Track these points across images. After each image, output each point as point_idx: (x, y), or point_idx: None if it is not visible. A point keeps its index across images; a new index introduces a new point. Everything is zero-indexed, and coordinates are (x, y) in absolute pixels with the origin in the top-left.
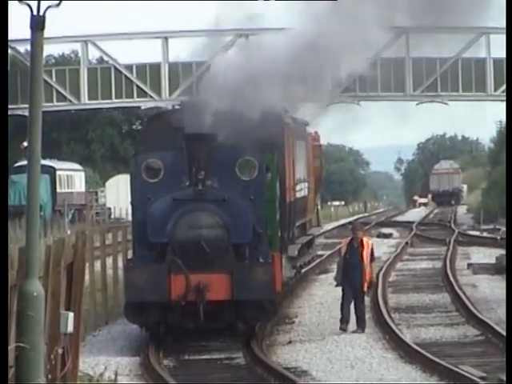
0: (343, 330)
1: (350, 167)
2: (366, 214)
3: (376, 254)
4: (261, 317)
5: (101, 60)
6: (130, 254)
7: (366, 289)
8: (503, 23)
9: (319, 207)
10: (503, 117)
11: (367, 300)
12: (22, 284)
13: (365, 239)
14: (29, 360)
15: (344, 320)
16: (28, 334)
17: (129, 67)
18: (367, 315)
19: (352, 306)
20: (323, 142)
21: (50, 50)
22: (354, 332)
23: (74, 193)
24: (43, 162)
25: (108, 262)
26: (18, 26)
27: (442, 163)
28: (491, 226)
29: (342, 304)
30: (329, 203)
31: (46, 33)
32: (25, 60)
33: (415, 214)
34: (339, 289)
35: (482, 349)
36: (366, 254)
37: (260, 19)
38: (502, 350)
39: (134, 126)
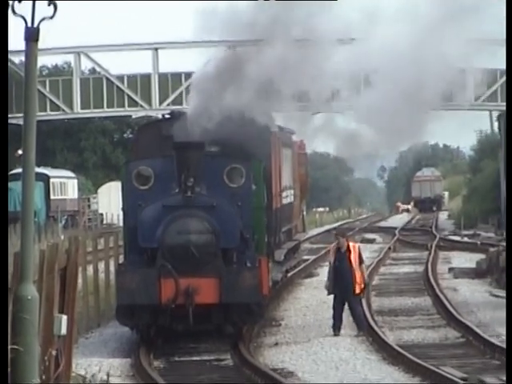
0: (336, 335)
1: (334, 174)
2: (350, 220)
3: None
4: (248, 319)
5: (93, 71)
6: (121, 259)
7: (358, 291)
8: (484, 35)
9: (305, 213)
10: (483, 126)
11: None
12: (17, 288)
13: (351, 244)
14: (23, 361)
15: (336, 326)
16: (23, 336)
17: (120, 78)
18: (350, 318)
19: (347, 311)
20: (308, 150)
21: (43, 60)
22: (356, 336)
23: (67, 199)
24: (37, 169)
25: (100, 266)
26: (13, 38)
27: (423, 171)
28: (471, 232)
29: (334, 311)
30: (314, 209)
31: (40, 44)
32: (19, 70)
33: (398, 220)
34: (324, 292)
35: (463, 350)
36: (353, 257)
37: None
38: (483, 352)
39: (125, 135)
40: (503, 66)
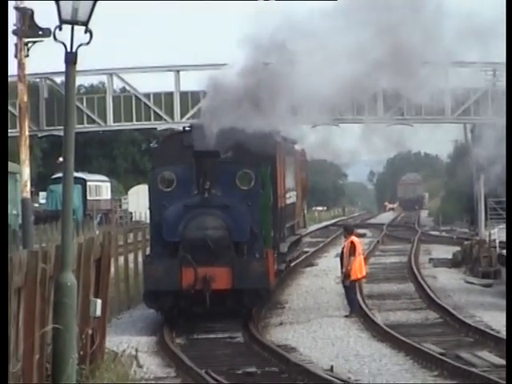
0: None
1: (331, 178)
2: (345, 218)
3: None
4: (257, 303)
5: (123, 89)
6: (148, 251)
7: (342, 278)
8: (458, 58)
9: (305, 211)
10: (458, 136)
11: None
12: (58, 276)
13: (350, 238)
14: (64, 339)
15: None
16: (63, 317)
17: (147, 95)
18: (345, 301)
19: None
20: (308, 157)
21: (81, 80)
22: (349, 317)
23: (101, 200)
24: (76, 174)
25: (130, 257)
26: (55, 61)
27: (407, 175)
28: (448, 228)
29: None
30: (313, 208)
31: (78, 66)
32: (60, 89)
33: (385, 217)
34: (323, 279)
35: (441, 329)
36: (345, 250)
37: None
38: (458, 331)
39: (151, 144)
40: (474, 85)
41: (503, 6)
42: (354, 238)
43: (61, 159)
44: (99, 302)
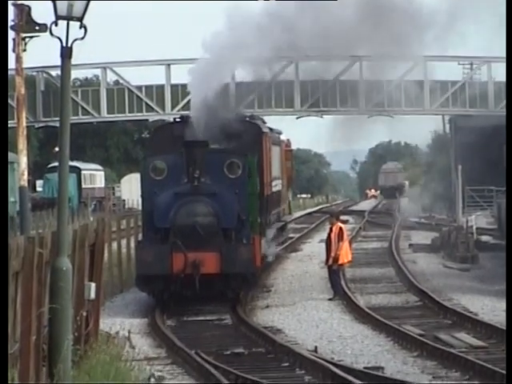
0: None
1: (315, 167)
2: (328, 205)
3: None
4: (244, 287)
5: (117, 82)
6: (140, 237)
7: (330, 263)
8: (437, 52)
9: (290, 199)
10: (437, 127)
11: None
12: (54, 261)
13: (337, 224)
14: (59, 321)
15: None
16: (59, 300)
17: (139, 88)
18: (328, 285)
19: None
20: (293, 147)
21: (76, 74)
22: (332, 299)
23: (95, 188)
24: (71, 163)
25: (123, 243)
26: (51, 55)
27: (388, 164)
28: (427, 214)
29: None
30: (298, 196)
31: (73, 60)
32: (56, 82)
33: (367, 205)
34: (307, 264)
35: (421, 312)
36: (332, 236)
37: None
38: (437, 313)
39: (143, 135)
40: (453, 78)
41: None
42: (341, 224)
43: (56, 149)
44: (93, 285)
